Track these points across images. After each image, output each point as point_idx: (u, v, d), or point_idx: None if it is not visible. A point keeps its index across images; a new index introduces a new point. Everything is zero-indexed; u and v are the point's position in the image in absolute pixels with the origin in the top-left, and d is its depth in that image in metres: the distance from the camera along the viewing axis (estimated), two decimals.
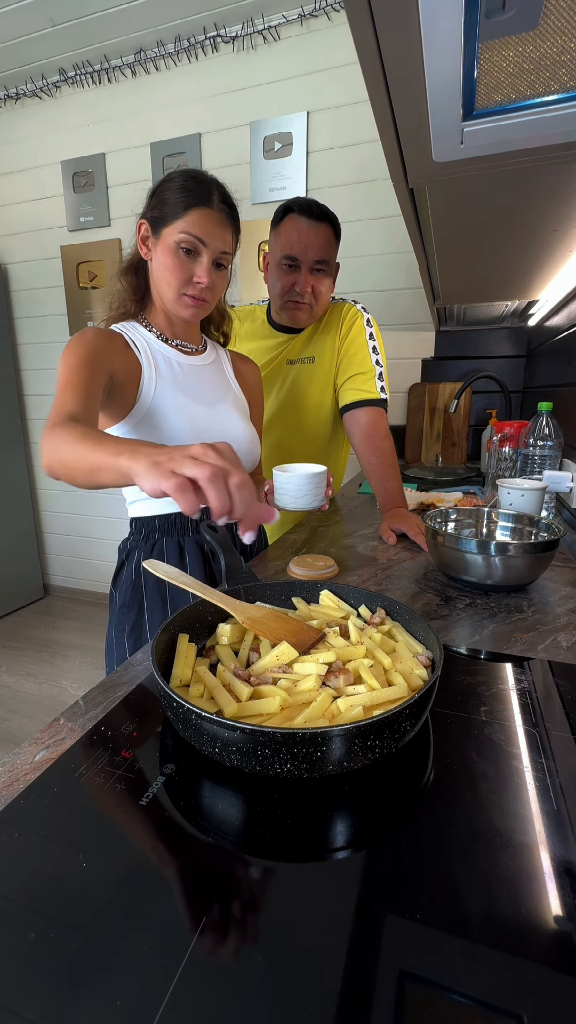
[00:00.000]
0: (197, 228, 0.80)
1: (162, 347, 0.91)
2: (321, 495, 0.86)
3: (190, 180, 0.82)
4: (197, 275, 0.83)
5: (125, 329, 0.89)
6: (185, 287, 0.84)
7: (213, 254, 0.83)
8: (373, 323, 1.27)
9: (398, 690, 0.45)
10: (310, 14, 2.00)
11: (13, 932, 0.30)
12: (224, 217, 0.83)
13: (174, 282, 0.83)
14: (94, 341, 0.81)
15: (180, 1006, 0.26)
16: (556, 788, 0.40)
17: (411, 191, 0.61)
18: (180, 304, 0.86)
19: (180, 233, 0.80)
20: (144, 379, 0.87)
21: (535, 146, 0.45)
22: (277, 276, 1.17)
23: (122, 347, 0.86)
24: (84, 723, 0.48)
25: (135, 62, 2.28)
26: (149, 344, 0.90)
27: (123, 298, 0.91)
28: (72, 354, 0.78)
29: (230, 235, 0.85)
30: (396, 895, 0.32)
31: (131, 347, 0.87)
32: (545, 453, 1.22)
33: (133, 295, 0.91)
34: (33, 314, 2.84)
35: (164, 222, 0.82)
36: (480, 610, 0.73)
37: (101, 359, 0.79)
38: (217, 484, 0.43)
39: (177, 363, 0.92)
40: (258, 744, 0.37)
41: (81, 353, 0.78)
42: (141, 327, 0.91)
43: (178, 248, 0.81)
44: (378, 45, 0.36)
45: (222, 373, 1.00)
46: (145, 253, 0.86)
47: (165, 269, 0.83)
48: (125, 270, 0.91)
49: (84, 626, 2.84)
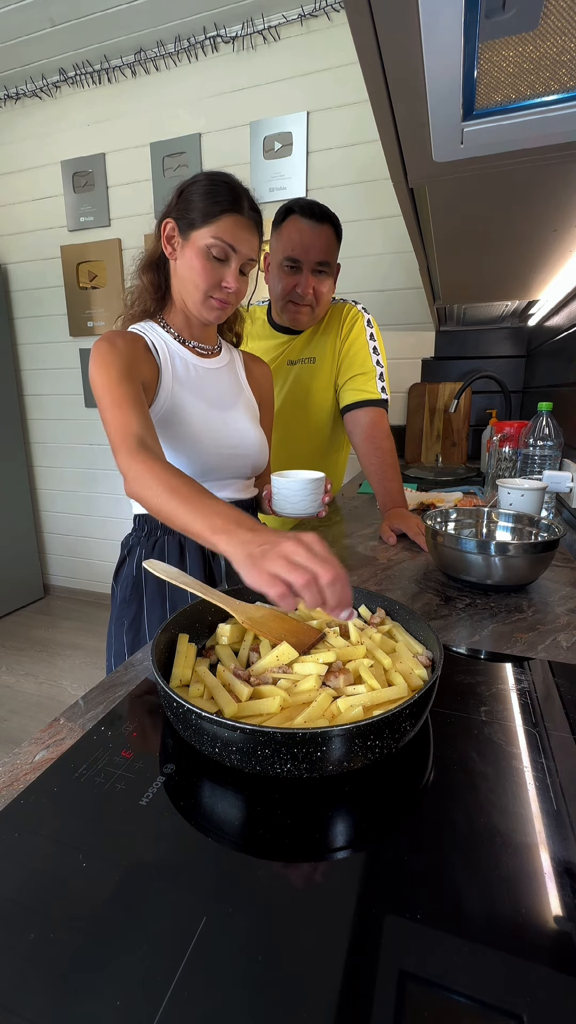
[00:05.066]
0: (229, 235, 0.81)
1: (179, 349, 0.91)
2: (319, 501, 0.86)
3: (222, 184, 0.82)
4: (226, 280, 0.84)
5: (144, 330, 0.89)
6: (213, 290, 0.84)
7: (241, 260, 0.84)
8: (374, 323, 1.27)
9: (398, 690, 0.45)
10: (310, 14, 2.00)
11: (13, 932, 0.30)
12: (252, 224, 0.84)
13: (202, 285, 0.84)
14: (125, 348, 0.81)
15: (180, 1006, 0.26)
16: (556, 788, 0.40)
17: (411, 191, 0.61)
18: (206, 307, 0.86)
19: (212, 238, 0.81)
20: (162, 382, 0.87)
21: (535, 146, 0.45)
22: (279, 277, 1.17)
23: (145, 351, 0.86)
24: (84, 723, 0.48)
25: (135, 62, 2.28)
26: (168, 346, 0.90)
27: (143, 296, 0.91)
28: (111, 366, 0.78)
29: (257, 242, 0.86)
30: (396, 895, 0.32)
31: (151, 350, 0.87)
32: (545, 453, 1.22)
33: (154, 293, 0.91)
34: (33, 314, 2.84)
35: (194, 225, 0.82)
36: (480, 610, 0.73)
37: (135, 367, 0.80)
38: (311, 589, 0.46)
39: (193, 366, 0.92)
40: (258, 744, 0.37)
41: (118, 364, 0.78)
42: (159, 327, 0.91)
43: (208, 252, 0.82)
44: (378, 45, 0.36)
45: (235, 375, 1.00)
46: (170, 253, 0.86)
47: (193, 272, 0.83)
48: (146, 267, 0.90)
49: (84, 626, 2.84)
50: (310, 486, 0.83)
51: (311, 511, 0.86)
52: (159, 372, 0.87)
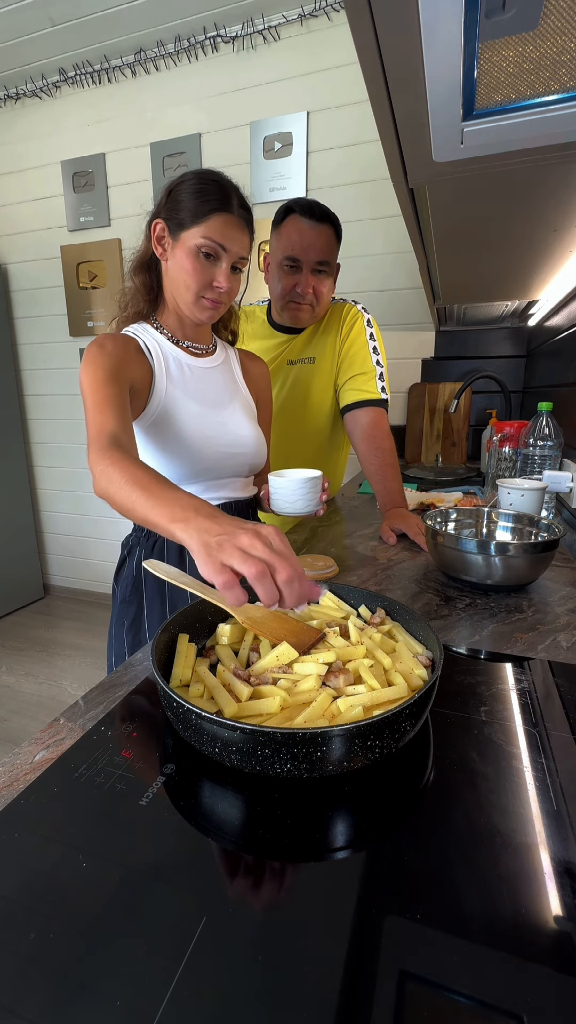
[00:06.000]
0: (218, 234, 0.81)
1: (173, 350, 0.91)
2: (316, 499, 0.86)
3: (210, 183, 0.82)
4: (217, 280, 0.84)
5: (137, 332, 0.89)
6: (204, 290, 0.84)
7: (232, 259, 0.84)
8: (373, 323, 1.27)
9: (398, 690, 0.45)
10: (310, 14, 2.00)
11: (13, 932, 0.30)
12: (243, 222, 0.84)
13: (193, 285, 0.84)
14: (114, 350, 0.81)
15: (180, 1006, 0.26)
16: (556, 788, 0.40)
17: (411, 191, 0.61)
18: (198, 307, 0.86)
19: (201, 238, 0.81)
20: (156, 384, 0.87)
21: (535, 146, 0.45)
22: (278, 277, 1.18)
23: (136, 352, 0.86)
24: (84, 723, 0.48)
25: (135, 62, 2.28)
26: (161, 347, 0.90)
27: (136, 297, 0.91)
28: (97, 367, 0.78)
29: (247, 239, 0.86)
30: (396, 895, 0.32)
31: (144, 352, 0.87)
32: (545, 453, 1.22)
33: (147, 294, 0.91)
34: (33, 314, 2.84)
35: (184, 225, 0.82)
36: (480, 610, 0.73)
37: (123, 370, 0.80)
38: (265, 581, 0.44)
39: (187, 366, 0.92)
40: (258, 744, 0.37)
41: (106, 366, 0.78)
42: (152, 328, 0.91)
43: (199, 252, 0.82)
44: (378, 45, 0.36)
45: (231, 374, 1.00)
46: (160, 253, 0.86)
47: (184, 272, 0.83)
48: (137, 268, 0.90)
49: (84, 626, 2.84)
50: (307, 484, 0.83)
51: (309, 509, 0.86)
52: (152, 373, 0.87)
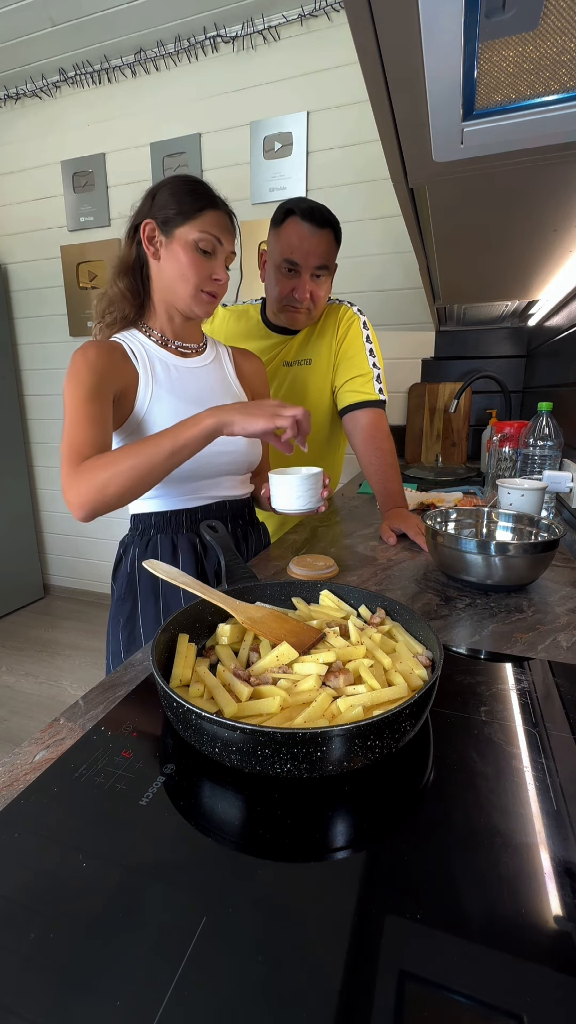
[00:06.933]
0: (215, 228, 0.84)
1: (159, 352, 0.91)
2: (318, 496, 0.86)
3: (196, 184, 0.85)
4: (216, 272, 0.86)
5: (124, 339, 0.89)
6: (203, 283, 0.86)
7: (225, 254, 0.87)
8: (369, 325, 1.27)
9: (398, 690, 0.45)
10: (310, 14, 2.00)
11: (13, 932, 0.30)
12: (230, 221, 0.87)
13: (193, 279, 0.85)
14: (97, 361, 0.81)
15: (180, 1006, 0.26)
16: (556, 788, 0.40)
17: (411, 191, 0.61)
18: (197, 301, 0.87)
19: (199, 232, 0.83)
20: (140, 387, 0.87)
21: (535, 146, 0.45)
22: (276, 279, 1.17)
23: (121, 358, 0.86)
24: (84, 723, 0.48)
25: (135, 62, 2.28)
26: (146, 350, 0.90)
27: (121, 303, 0.90)
28: (79, 382, 0.79)
29: (235, 238, 0.89)
30: (396, 895, 0.32)
31: (130, 356, 0.88)
32: (545, 453, 1.22)
33: (133, 300, 0.91)
34: (33, 314, 2.84)
35: (177, 222, 0.83)
36: (480, 610, 0.73)
37: (106, 382, 0.81)
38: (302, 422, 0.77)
39: (174, 367, 0.92)
40: (258, 744, 0.37)
41: (88, 382, 0.79)
42: (139, 333, 0.91)
43: (197, 246, 0.83)
44: (378, 45, 0.36)
45: (222, 372, 1.00)
46: (152, 253, 0.86)
47: (182, 266, 0.84)
48: (122, 272, 0.90)
49: (84, 626, 2.84)
50: (308, 481, 0.84)
51: (311, 506, 0.86)
52: (137, 377, 0.87)
